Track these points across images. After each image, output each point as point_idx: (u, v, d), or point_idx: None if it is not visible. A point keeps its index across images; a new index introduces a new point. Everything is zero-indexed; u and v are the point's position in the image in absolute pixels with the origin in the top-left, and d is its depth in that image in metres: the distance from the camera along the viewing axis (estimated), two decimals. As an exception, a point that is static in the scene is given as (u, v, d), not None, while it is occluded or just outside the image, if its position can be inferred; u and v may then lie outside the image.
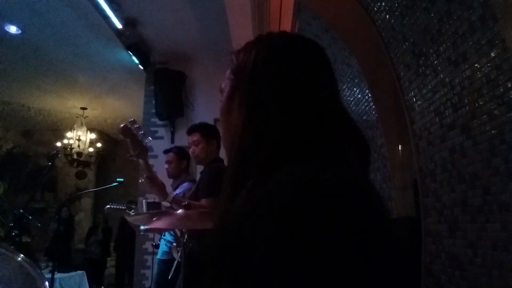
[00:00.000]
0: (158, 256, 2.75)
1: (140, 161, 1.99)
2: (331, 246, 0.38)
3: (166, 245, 2.67)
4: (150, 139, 2.06)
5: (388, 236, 0.44)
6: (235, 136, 0.56)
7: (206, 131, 2.37)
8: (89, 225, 7.05)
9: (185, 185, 2.71)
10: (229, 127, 0.61)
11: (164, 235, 2.71)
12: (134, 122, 1.95)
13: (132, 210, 2.66)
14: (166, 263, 2.51)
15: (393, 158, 3.64)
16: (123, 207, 2.68)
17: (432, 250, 2.84)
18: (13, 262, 1.68)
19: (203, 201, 2.03)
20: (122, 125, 1.91)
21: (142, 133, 1.95)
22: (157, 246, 2.91)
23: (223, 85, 0.65)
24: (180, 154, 2.85)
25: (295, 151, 0.50)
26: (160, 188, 2.04)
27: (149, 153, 2.27)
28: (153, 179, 2.03)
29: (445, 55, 2.47)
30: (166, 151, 2.94)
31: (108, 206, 2.64)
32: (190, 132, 2.40)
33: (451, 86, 2.47)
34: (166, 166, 2.85)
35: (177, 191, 2.68)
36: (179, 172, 2.82)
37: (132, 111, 6.49)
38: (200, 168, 2.56)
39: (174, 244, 2.27)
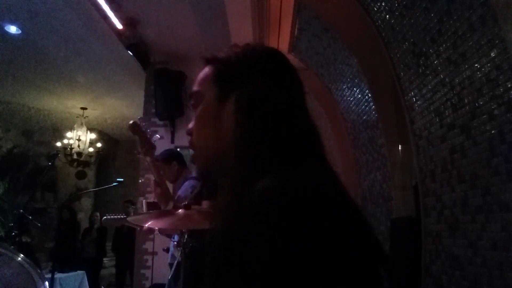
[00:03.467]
0: (169, 260, 2.71)
1: (147, 158, 2.00)
2: (319, 243, 0.43)
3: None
4: (158, 136, 2.08)
5: (369, 231, 0.50)
6: (230, 141, 0.58)
7: None
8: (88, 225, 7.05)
9: (186, 184, 2.69)
10: (216, 132, 0.62)
11: (174, 238, 2.68)
12: (143, 119, 1.97)
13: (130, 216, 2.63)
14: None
15: (393, 158, 3.64)
16: (122, 216, 2.65)
17: (432, 250, 2.84)
18: (13, 262, 1.68)
19: (205, 204, 2.01)
20: (131, 122, 1.93)
21: (150, 131, 1.97)
22: (168, 250, 2.87)
23: (199, 88, 0.67)
24: (165, 159, 2.80)
25: (293, 154, 0.55)
26: (164, 192, 2.05)
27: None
28: (160, 184, 2.04)
29: (445, 55, 2.47)
30: None
31: (104, 217, 2.62)
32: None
33: (451, 86, 2.47)
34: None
35: (179, 192, 2.66)
36: (174, 175, 2.79)
37: (132, 111, 6.49)
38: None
39: (175, 242, 2.26)
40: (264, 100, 0.58)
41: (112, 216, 2.61)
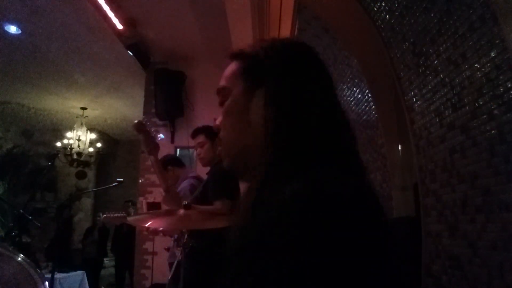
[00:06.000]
0: (169, 259, 2.71)
1: (151, 157, 2.02)
2: (346, 249, 0.42)
3: None
4: (163, 136, 2.09)
5: (389, 238, 0.49)
6: (261, 134, 0.57)
7: (210, 132, 2.37)
8: (88, 225, 7.05)
9: (184, 182, 2.70)
10: (244, 126, 0.61)
11: (174, 236, 2.68)
12: (147, 119, 1.98)
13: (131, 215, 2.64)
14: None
15: (393, 158, 3.64)
16: (122, 214, 2.65)
17: (432, 250, 2.84)
18: (13, 262, 1.68)
19: (218, 204, 2.00)
20: (136, 121, 1.95)
21: (154, 131, 1.99)
22: (169, 249, 2.87)
23: (226, 83, 0.66)
24: (162, 165, 2.81)
25: (322, 151, 0.54)
26: (173, 197, 2.06)
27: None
28: (166, 189, 2.04)
29: (445, 55, 2.47)
30: None
31: (104, 215, 2.62)
32: (194, 135, 2.40)
33: (451, 86, 2.47)
34: None
35: (178, 189, 2.67)
36: (173, 179, 2.79)
37: (132, 111, 6.49)
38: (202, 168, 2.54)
39: (175, 242, 2.26)
40: (292, 94, 0.57)
41: (112, 214, 2.61)
